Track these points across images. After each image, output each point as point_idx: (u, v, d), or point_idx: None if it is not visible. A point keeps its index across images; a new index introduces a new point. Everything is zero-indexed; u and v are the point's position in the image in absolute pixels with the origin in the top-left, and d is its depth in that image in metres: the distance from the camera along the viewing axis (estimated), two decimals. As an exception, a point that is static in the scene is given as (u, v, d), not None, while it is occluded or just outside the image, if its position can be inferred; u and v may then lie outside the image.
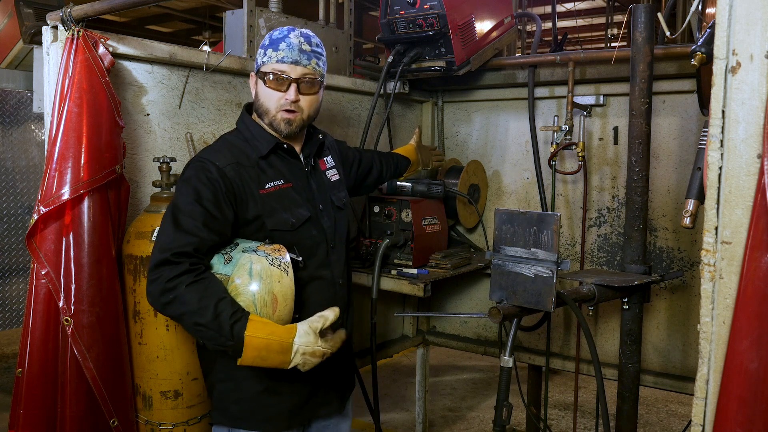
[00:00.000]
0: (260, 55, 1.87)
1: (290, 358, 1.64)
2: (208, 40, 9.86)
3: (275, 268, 1.67)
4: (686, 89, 2.71)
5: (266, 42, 1.86)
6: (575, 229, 3.06)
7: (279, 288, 1.67)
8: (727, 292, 1.23)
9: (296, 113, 1.84)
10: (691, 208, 1.95)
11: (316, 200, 1.93)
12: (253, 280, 1.65)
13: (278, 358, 1.63)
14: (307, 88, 1.84)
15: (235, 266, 1.67)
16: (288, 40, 1.82)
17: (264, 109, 1.85)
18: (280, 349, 1.63)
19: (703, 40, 1.65)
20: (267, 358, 1.63)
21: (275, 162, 1.87)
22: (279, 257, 1.69)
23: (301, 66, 1.82)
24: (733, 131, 1.21)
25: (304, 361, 1.65)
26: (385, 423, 4.07)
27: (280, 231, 1.81)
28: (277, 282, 1.67)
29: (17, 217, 4.57)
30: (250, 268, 1.65)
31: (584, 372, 2.98)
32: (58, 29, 2.01)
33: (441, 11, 2.75)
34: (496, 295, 2.01)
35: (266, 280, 1.65)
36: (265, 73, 1.83)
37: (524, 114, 3.10)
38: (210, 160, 1.76)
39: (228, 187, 1.73)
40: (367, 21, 9.45)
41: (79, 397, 1.94)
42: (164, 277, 1.60)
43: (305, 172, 1.93)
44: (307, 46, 1.84)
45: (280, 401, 1.84)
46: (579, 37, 12.86)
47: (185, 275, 1.61)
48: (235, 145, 1.85)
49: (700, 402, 1.29)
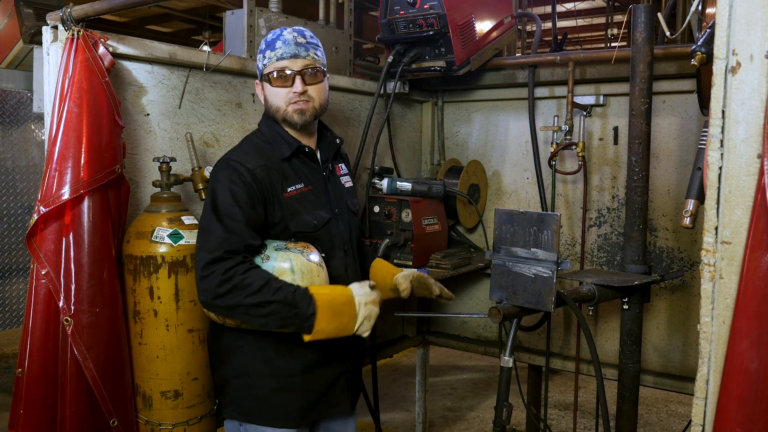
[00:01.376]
0: (260, 60, 1.91)
1: (356, 310, 1.73)
2: (208, 40, 9.85)
3: (313, 263, 1.79)
4: (686, 89, 2.71)
5: (263, 46, 1.90)
6: (575, 229, 3.06)
7: (318, 282, 1.79)
8: (727, 292, 1.23)
9: (308, 102, 1.87)
10: (691, 208, 1.95)
11: (333, 204, 1.97)
12: (296, 276, 1.74)
13: (347, 311, 1.72)
14: (311, 79, 1.87)
15: (275, 263, 1.76)
16: (282, 37, 1.87)
17: (275, 108, 1.89)
18: (346, 300, 1.72)
19: (703, 40, 1.65)
20: (339, 312, 1.70)
21: (297, 165, 1.91)
22: (312, 253, 1.80)
23: (301, 58, 1.85)
24: (733, 131, 1.21)
25: (368, 311, 1.74)
26: (385, 423, 4.07)
27: (302, 233, 1.86)
28: (317, 276, 1.78)
29: (17, 217, 4.57)
30: (291, 265, 1.75)
31: (584, 372, 2.98)
32: (58, 29, 2.00)
33: (441, 11, 2.75)
34: (496, 295, 2.01)
35: (307, 275, 1.76)
36: (268, 74, 1.87)
37: (524, 114, 3.10)
38: (240, 162, 1.80)
39: (259, 188, 1.78)
40: (367, 21, 9.45)
41: (79, 397, 1.94)
42: (219, 270, 1.66)
43: (323, 177, 1.97)
44: (302, 39, 1.88)
45: (292, 399, 1.87)
46: (579, 37, 12.85)
47: (240, 266, 1.67)
48: (260, 146, 1.89)
49: (700, 402, 1.29)
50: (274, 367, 1.85)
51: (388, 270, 2.17)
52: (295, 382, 1.86)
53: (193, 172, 2.18)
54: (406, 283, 2.07)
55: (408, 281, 2.08)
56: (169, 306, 2.00)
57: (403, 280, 2.08)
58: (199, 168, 2.19)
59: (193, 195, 2.25)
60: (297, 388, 1.87)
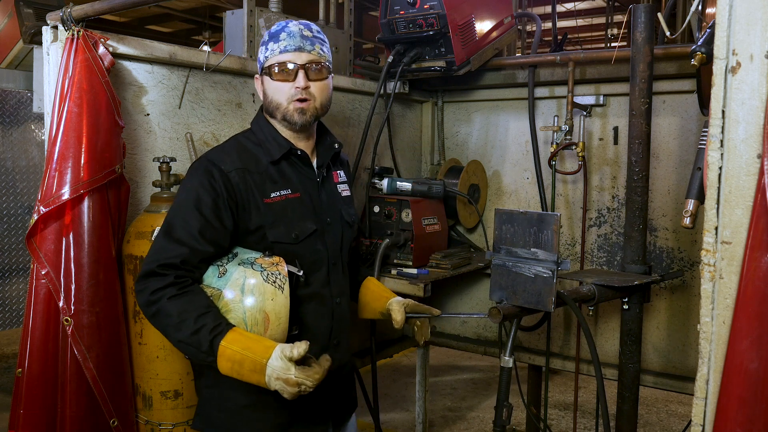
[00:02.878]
0: (261, 52, 1.79)
1: (265, 380, 1.51)
2: (208, 40, 9.86)
3: (269, 284, 1.59)
4: (686, 89, 2.71)
5: (266, 38, 1.78)
6: (575, 229, 3.06)
7: (272, 306, 1.59)
8: (727, 292, 1.23)
9: (309, 101, 1.74)
10: (691, 208, 1.95)
11: (325, 213, 1.83)
12: (245, 296, 1.58)
13: (254, 377, 1.52)
14: (315, 75, 1.74)
15: (228, 280, 1.60)
16: (288, 29, 1.75)
17: (275, 104, 1.75)
18: (253, 367, 1.51)
19: (703, 40, 1.65)
20: (242, 375, 1.53)
21: (285, 169, 1.77)
22: (275, 272, 1.61)
23: (306, 52, 1.73)
24: (733, 131, 1.21)
25: (281, 387, 1.50)
26: (385, 423, 4.07)
27: (281, 243, 1.71)
28: (270, 300, 1.59)
29: (17, 217, 4.57)
30: (243, 283, 1.58)
31: (584, 372, 2.98)
32: (58, 29, 2.01)
33: (441, 11, 2.75)
34: (496, 295, 2.01)
35: (258, 297, 1.57)
36: (270, 67, 1.74)
37: (524, 114, 3.10)
38: (215, 162, 1.68)
39: (230, 193, 1.66)
40: (367, 21, 9.45)
41: (79, 397, 1.94)
42: (149, 289, 1.56)
43: (317, 183, 1.82)
44: (309, 32, 1.76)
45: (265, 417, 1.73)
46: (579, 37, 12.85)
47: (169, 288, 1.56)
48: (246, 147, 1.77)
49: (700, 402, 1.29)
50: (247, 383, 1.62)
51: (382, 293, 2.02)
52: (268, 399, 1.64)
53: (193, 172, 2.18)
54: (401, 313, 1.92)
55: (402, 309, 1.93)
56: (169, 306, 2.00)
57: (398, 308, 1.93)
58: (199, 168, 2.19)
59: (193, 195, 2.25)
60: (270, 406, 1.70)
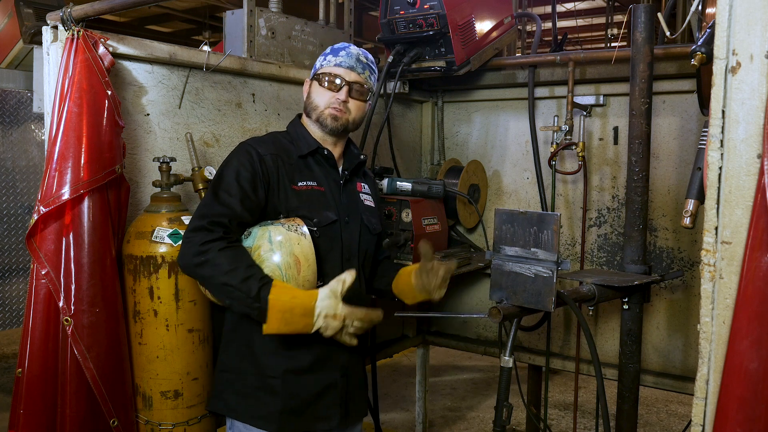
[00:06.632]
0: (319, 60, 1.99)
1: (313, 320, 1.70)
2: (208, 40, 9.83)
3: (293, 233, 1.78)
4: (686, 89, 2.71)
5: (327, 51, 1.98)
6: (575, 229, 3.06)
7: (300, 250, 1.77)
8: (727, 292, 1.23)
9: (344, 113, 1.93)
10: (691, 208, 1.95)
11: (344, 212, 1.95)
12: (274, 246, 1.76)
13: (302, 321, 1.70)
14: (357, 95, 1.94)
15: (256, 237, 1.78)
16: (348, 49, 1.96)
17: (314, 105, 1.94)
18: (303, 311, 1.70)
19: (703, 40, 1.65)
20: (291, 322, 1.69)
21: (312, 165, 1.95)
22: (294, 224, 1.80)
23: (356, 73, 1.93)
24: (733, 131, 1.21)
25: (326, 324, 1.70)
26: (385, 423, 4.07)
27: None
28: (297, 244, 1.77)
29: (17, 217, 4.57)
30: (269, 236, 1.77)
31: (584, 372, 2.98)
32: (58, 29, 2.01)
33: (441, 11, 2.75)
34: (496, 295, 2.01)
35: (286, 243, 1.76)
36: (321, 75, 1.94)
37: (524, 114, 3.10)
38: (253, 146, 1.87)
39: (264, 172, 1.83)
40: (367, 21, 9.45)
41: (79, 397, 1.94)
42: (199, 241, 1.71)
43: (339, 183, 1.97)
44: (364, 59, 1.97)
45: (274, 401, 1.84)
46: (579, 37, 12.85)
47: (218, 241, 1.71)
48: (280, 140, 1.96)
49: (700, 402, 1.29)
50: (257, 365, 1.85)
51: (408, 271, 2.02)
52: (276, 383, 1.84)
53: (193, 172, 2.19)
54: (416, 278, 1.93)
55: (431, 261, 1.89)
56: (169, 306, 2.00)
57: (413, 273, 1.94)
58: (199, 168, 2.19)
59: (193, 195, 2.25)
60: (279, 391, 1.84)
